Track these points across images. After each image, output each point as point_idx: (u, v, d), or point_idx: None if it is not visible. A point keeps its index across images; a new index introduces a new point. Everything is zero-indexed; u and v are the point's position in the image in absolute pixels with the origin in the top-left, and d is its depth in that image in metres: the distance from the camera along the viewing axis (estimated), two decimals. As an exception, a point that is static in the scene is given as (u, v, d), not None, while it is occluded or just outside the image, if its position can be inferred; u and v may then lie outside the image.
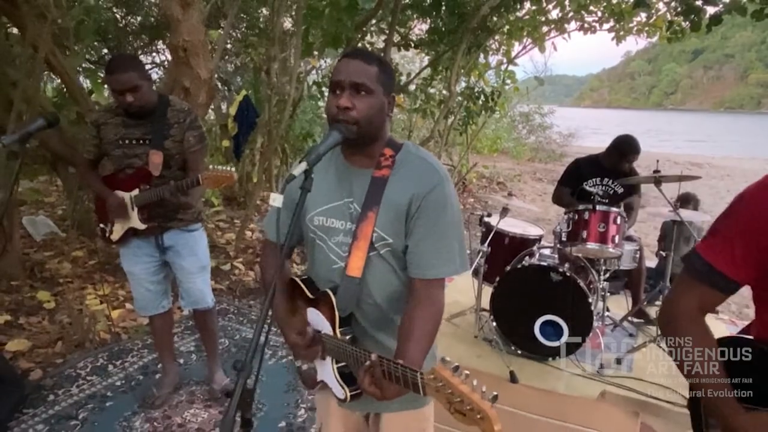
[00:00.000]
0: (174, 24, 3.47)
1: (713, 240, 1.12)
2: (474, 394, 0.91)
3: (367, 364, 1.15)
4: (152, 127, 2.37)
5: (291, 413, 2.67)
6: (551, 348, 3.18)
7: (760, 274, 1.07)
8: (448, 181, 1.34)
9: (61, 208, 5.97)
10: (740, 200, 1.10)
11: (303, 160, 1.19)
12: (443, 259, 1.31)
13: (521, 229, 3.66)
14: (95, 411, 2.63)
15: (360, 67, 1.25)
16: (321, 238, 1.40)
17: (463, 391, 0.92)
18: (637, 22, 6.44)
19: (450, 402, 0.94)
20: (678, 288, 1.19)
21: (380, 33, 6.64)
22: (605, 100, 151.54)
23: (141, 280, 2.60)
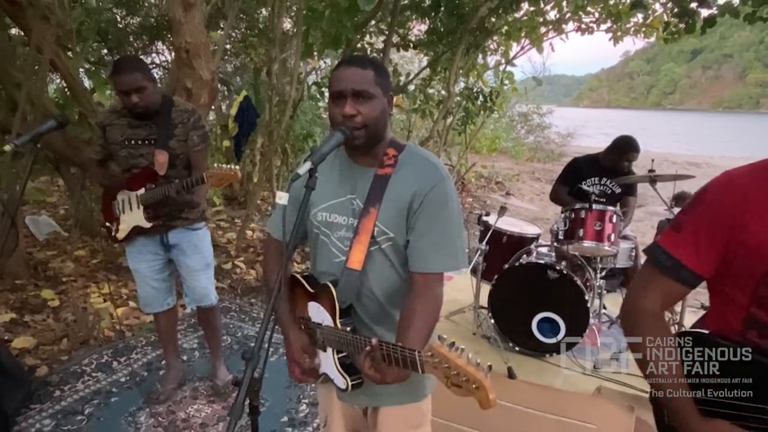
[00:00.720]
0: (176, 26, 3.52)
1: (677, 234, 1.14)
2: (470, 366, 0.96)
3: (367, 348, 1.20)
4: (157, 127, 2.43)
5: (293, 408, 2.72)
6: (549, 345, 3.24)
7: (720, 267, 1.10)
8: (449, 180, 1.39)
9: (63, 207, 6.02)
10: (704, 195, 1.12)
11: (307, 160, 1.24)
12: (443, 254, 1.36)
13: (519, 227, 3.71)
14: (100, 406, 2.69)
15: (358, 74, 1.30)
16: (324, 233, 1.45)
17: (460, 364, 0.97)
18: (634, 23, 6.48)
19: (447, 376, 0.99)
20: (642, 282, 1.20)
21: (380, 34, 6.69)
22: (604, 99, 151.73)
23: (146, 277, 2.65)
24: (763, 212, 1.04)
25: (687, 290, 1.15)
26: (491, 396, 0.94)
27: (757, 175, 1.09)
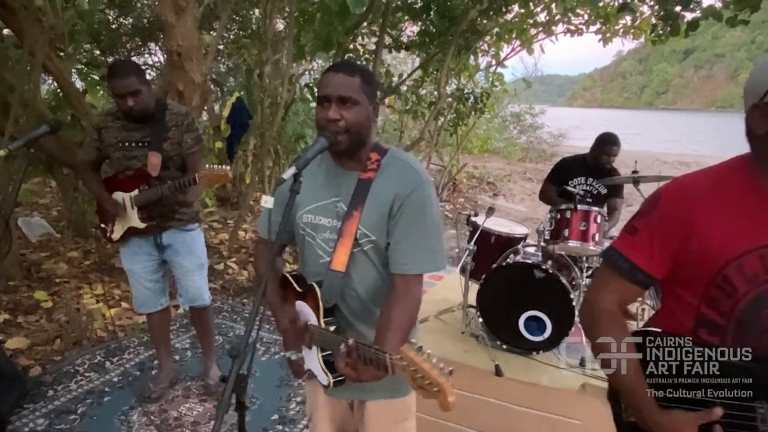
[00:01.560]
0: (168, 29, 3.56)
1: (632, 237, 1.19)
2: (433, 370, 1.02)
3: (344, 348, 1.25)
4: (151, 130, 2.48)
5: (283, 406, 2.77)
6: (535, 342, 3.30)
7: (672, 269, 1.15)
8: (429, 185, 1.44)
9: (56, 209, 6.03)
10: (656, 199, 1.17)
11: (292, 165, 1.30)
12: (422, 256, 1.41)
13: (507, 228, 3.77)
14: (93, 406, 2.72)
15: (344, 80, 1.35)
16: (310, 234, 1.49)
17: (424, 368, 1.02)
18: (623, 25, 6.56)
19: (413, 379, 1.05)
20: (599, 283, 1.25)
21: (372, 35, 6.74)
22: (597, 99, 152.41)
23: (140, 278, 2.69)
24: (710, 217, 1.09)
25: (642, 291, 1.21)
26: (450, 399, 1.00)
27: (706, 181, 1.15)
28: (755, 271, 1.07)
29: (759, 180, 1.08)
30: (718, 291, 1.10)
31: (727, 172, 1.14)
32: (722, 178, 1.14)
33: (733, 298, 1.09)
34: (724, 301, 1.10)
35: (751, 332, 1.09)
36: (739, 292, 1.08)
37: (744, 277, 1.07)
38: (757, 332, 1.08)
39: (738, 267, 1.07)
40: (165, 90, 3.96)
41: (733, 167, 1.14)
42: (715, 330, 1.12)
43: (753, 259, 1.06)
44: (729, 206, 1.09)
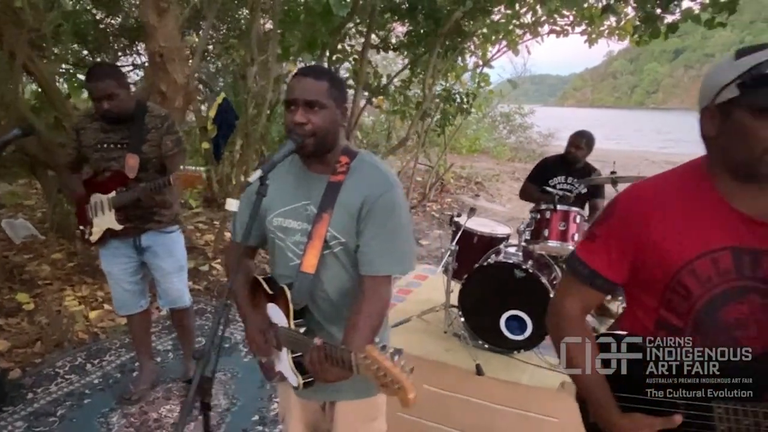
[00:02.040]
0: (150, 30, 3.56)
1: (592, 244, 1.21)
2: (395, 369, 1.04)
3: (311, 348, 1.27)
4: (130, 131, 2.48)
5: (264, 407, 2.77)
6: (516, 342, 3.32)
7: (631, 274, 1.17)
8: (398, 188, 1.46)
9: (41, 210, 5.99)
10: (614, 207, 1.20)
11: (258, 168, 1.31)
12: (390, 258, 1.42)
13: (489, 228, 3.79)
14: (73, 408, 2.72)
15: (311, 85, 1.36)
16: (280, 238, 1.51)
17: (387, 366, 1.05)
18: (608, 26, 6.62)
19: (377, 377, 1.07)
20: (563, 290, 1.29)
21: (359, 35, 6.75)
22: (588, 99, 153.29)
23: (119, 280, 2.70)
24: (665, 222, 1.11)
25: (603, 296, 1.24)
26: (410, 396, 1.03)
27: (662, 186, 1.17)
28: (708, 274, 1.09)
29: (711, 183, 1.10)
30: (675, 294, 1.12)
31: (682, 176, 1.16)
32: (677, 183, 1.16)
33: (689, 301, 1.11)
34: (681, 304, 1.12)
35: (707, 334, 1.11)
36: (694, 295, 1.10)
37: (698, 280, 1.09)
38: (712, 333, 1.11)
39: (691, 271, 1.09)
40: (148, 91, 3.96)
41: (689, 171, 1.16)
42: (674, 332, 1.14)
43: (706, 263, 1.08)
44: (683, 211, 1.11)
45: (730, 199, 1.09)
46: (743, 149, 1.02)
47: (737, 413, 1.05)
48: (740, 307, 1.09)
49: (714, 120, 1.07)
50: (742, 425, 1.04)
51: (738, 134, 1.02)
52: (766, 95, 0.97)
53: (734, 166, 1.06)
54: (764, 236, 1.06)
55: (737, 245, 1.08)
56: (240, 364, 3.15)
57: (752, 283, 1.07)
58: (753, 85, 0.99)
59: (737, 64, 1.02)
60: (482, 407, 2.90)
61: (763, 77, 0.98)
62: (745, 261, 1.07)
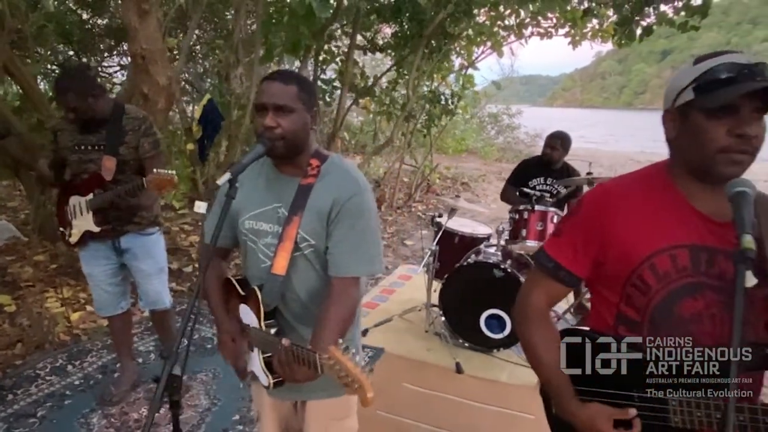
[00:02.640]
0: (132, 32, 3.57)
1: (558, 239, 1.27)
2: (356, 369, 1.08)
3: (279, 349, 1.30)
4: (107, 133, 2.49)
5: (245, 407, 2.79)
6: (496, 340, 3.37)
7: (594, 269, 1.22)
8: (367, 191, 1.49)
9: (24, 212, 5.97)
10: (579, 204, 1.25)
11: (227, 171, 1.34)
12: (359, 260, 1.45)
13: (470, 228, 3.84)
14: (54, 409, 2.72)
15: (280, 89, 1.40)
16: (252, 240, 1.54)
17: (348, 366, 1.08)
18: (591, 28, 6.71)
19: (339, 377, 1.11)
20: (530, 283, 1.34)
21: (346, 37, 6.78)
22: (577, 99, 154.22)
23: (99, 281, 2.71)
24: (627, 220, 1.16)
25: (568, 289, 1.28)
26: (369, 395, 1.07)
27: (627, 185, 1.22)
28: (667, 269, 1.13)
29: (674, 184, 1.16)
30: (634, 289, 1.17)
31: (647, 176, 1.22)
32: (642, 182, 1.21)
33: (647, 296, 1.15)
34: (639, 299, 1.16)
35: (663, 328, 1.15)
36: (652, 290, 1.14)
37: (656, 276, 1.14)
38: (668, 328, 1.15)
39: (651, 266, 1.14)
40: (130, 93, 3.96)
41: (654, 171, 1.21)
42: (633, 326, 1.18)
43: (665, 259, 1.13)
44: (645, 209, 1.16)
45: (690, 199, 1.14)
46: (698, 149, 1.07)
47: (690, 405, 1.08)
48: (695, 302, 1.13)
49: (674, 122, 1.13)
50: (695, 417, 1.08)
51: (693, 135, 1.08)
52: (717, 97, 1.02)
53: (692, 166, 1.12)
54: (721, 236, 1.10)
55: (695, 243, 1.12)
56: (222, 365, 3.17)
57: (707, 280, 1.12)
58: (706, 88, 1.04)
59: (694, 69, 1.08)
60: (461, 405, 2.94)
61: (715, 81, 1.03)
62: (702, 258, 1.12)
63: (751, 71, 1.01)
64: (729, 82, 1.01)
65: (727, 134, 1.03)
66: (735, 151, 1.03)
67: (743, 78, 1.01)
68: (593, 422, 1.16)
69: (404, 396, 2.99)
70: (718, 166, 1.05)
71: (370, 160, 8.12)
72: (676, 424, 1.09)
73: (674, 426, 1.10)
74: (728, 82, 1.02)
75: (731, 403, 0.88)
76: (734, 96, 1.00)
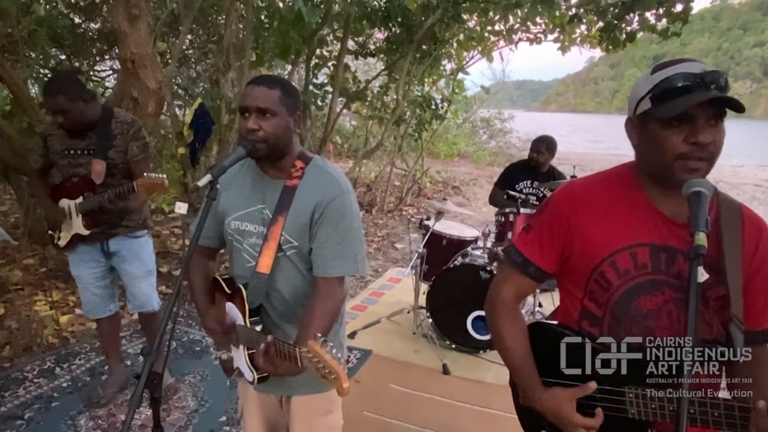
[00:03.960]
0: (122, 37, 3.60)
1: (527, 235, 1.31)
2: (333, 361, 1.12)
3: (262, 345, 1.33)
4: (96, 137, 2.52)
5: (232, 408, 2.81)
6: (483, 341, 3.41)
7: (560, 265, 1.27)
8: (349, 193, 1.52)
9: (14, 216, 5.96)
10: (548, 202, 1.30)
11: (208, 173, 1.37)
12: (342, 260, 1.49)
13: (458, 231, 3.88)
14: (41, 411, 2.73)
15: (263, 93, 1.43)
16: (237, 240, 1.57)
17: (325, 359, 1.13)
18: (579, 33, 6.79)
19: (317, 370, 1.14)
20: (500, 276, 1.38)
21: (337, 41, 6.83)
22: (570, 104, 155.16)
23: (88, 284, 2.73)
24: (591, 218, 1.21)
25: (535, 284, 1.32)
26: (345, 385, 1.11)
27: (592, 185, 1.27)
28: (627, 267, 1.18)
29: (638, 185, 1.20)
30: (596, 285, 1.21)
31: (614, 176, 1.26)
32: (608, 182, 1.25)
33: (609, 292, 1.20)
34: (601, 295, 1.21)
35: (623, 323, 1.20)
36: (613, 286, 1.19)
37: (617, 272, 1.18)
38: (627, 323, 1.19)
39: (612, 263, 1.18)
40: (120, 97, 3.98)
41: (621, 173, 1.26)
42: (595, 321, 1.23)
43: (625, 256, 1.18)
44: (609, 208, 1.21)
45: (654, 201, 1.18)
46: (657, 157, 1.12)
47: (645, 398, 1.12)
48: (654, 298, 1.17)
49: (636, 130, 1.18)
50: (649, 408, 1.12)
51: (652, 143, 1.12)
52: (672, 107, 1.06)
53: (653, 171, 1.16)
54: (681, 237, 1.15)
55: (656, 242, 1.17)
56: (210, 367, 3.19)
57: (666, 278, 1.16)
58: (661, 98, 1.09)
59: (652, 78, 1.12)
60: (447, 405, 2.97)
61: (670, 90, 1.07)
62: (662, 257, 1.16)
63: (704, 80, 1.05)
64: (683, 91, 1.05)
65: (683, 142, 1.07)
66: (692, 159, 1.07)
67: (697, 87, 1.05)
68: (557, 405, 1.20)
69: (391, 397, 3.02)
70: (676, 173, 1.09)
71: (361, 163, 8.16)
72: (633, 415, 1.13)
73: (631, 417, 1.13)
74: (682, 91, 1.05)
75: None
76: (688, 106, 1.04)
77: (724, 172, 14.32)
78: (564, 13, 6.20)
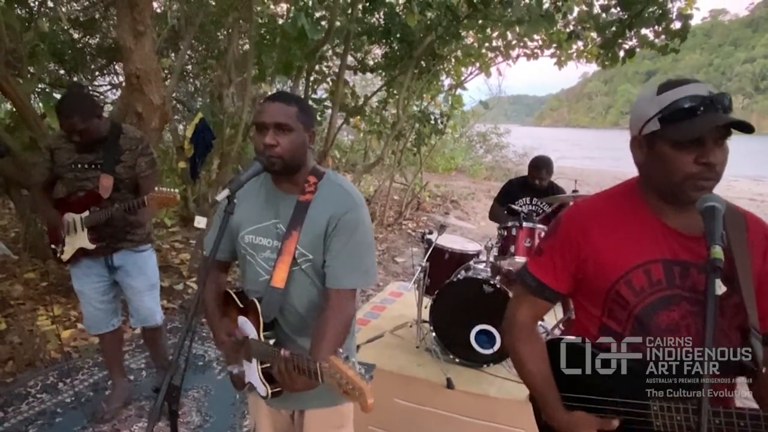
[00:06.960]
0: (127, 53, 3.62)
1: (540, 258, 1.33)
2: (356, 377, 1.13)
3: (279, 359, 1.34)
4: (104, 152, 2.53)
5: (236, 423, 2.80)
6: (486, 355, 3.41)
7: (575, 285, 1.28)
8: (362, 207, 1.55)
9: (14, 230, 5.94)
10: (558, 224, 1.31)
11: (226, 187, 1.39)
12: (354, 273, 1.51)
13: (460, 245, 3.90)
14: (44, 427, 2.71)
15: (281, 109, 1.46)
16: (251, 254, 1.59)
17: (349, 375, 1.14)
18: (576, 49, 6.89)
19: (340, 385, 1.15)
20: (515, 301, 1.40)
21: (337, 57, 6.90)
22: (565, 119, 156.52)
23: (91, 299, 2.72)
24: (602, 237, 1.22)
25: (550, 305, 1.34)
26: (369, 401, 1.13)
27: (600, 204, 1.29)
28: (642, 284, 1.19)
29: (644, 201, 1.22)
30: (614, 303, 1.23)
31: (619, 194, 1.29)
32: (615, 201, 1.28)
33: (627, 310, 1.21)
34: (620, 312, 1.23)
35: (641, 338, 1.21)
36: (630, 305, 1.20)
37: (633, 291, 1.20)
38: (645, 338, 1.21)
39: (627, 282, 1.20)
40: (124, 112, 4.01)
41: (625, 190, 1.28)
42: (615, 337, 1.24)
43: (639, 274, 1.19)
44: (618, 227, 1.23)
45: (661, 216, 1.20)
46: (665, 177, 1.14)
47: (671, 410, 1.13)
48: (671, 313, 1.19)
49: (642, 149, 1.20)
50: (675, 421, 1.13)
51: (660, 163, 1.14)
52: (683, 130, 1.09)
53: (660, 189, 1.19)
54: (692, 249, 1.17)
55: (668, 258, 1.19)
56: (213, 382, 3.18)
57: (681, 292, 1.18)
58: (671, 120, 1.11)
59: (659, 99, 1.14)
60: (451, 419, 2.97)
61: (680, 112, 1.10)
62: (675, 272, 1.18)
63: (713, 102, 1.08)
64: (693, 113, 1.08)
65: (693, 163, 1.09)
66: (701, 178, 1.10)
67: (707, 109, 1.07)
68: (578, 431, 1.22)
69: (395, 411, 3.01)
70: (685, 192, 1.12)
71: (360, 178, 8.19)
72: (658, 428, 1.14)
73: (656, 430, 1.14)
74: (692, 113, 1.08)
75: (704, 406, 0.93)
76: (705, 129, 1.07)
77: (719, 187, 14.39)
78: (561, 29, 6.31)
